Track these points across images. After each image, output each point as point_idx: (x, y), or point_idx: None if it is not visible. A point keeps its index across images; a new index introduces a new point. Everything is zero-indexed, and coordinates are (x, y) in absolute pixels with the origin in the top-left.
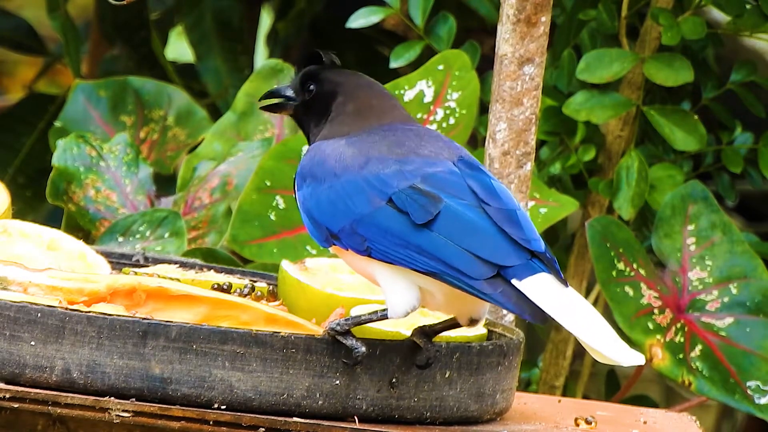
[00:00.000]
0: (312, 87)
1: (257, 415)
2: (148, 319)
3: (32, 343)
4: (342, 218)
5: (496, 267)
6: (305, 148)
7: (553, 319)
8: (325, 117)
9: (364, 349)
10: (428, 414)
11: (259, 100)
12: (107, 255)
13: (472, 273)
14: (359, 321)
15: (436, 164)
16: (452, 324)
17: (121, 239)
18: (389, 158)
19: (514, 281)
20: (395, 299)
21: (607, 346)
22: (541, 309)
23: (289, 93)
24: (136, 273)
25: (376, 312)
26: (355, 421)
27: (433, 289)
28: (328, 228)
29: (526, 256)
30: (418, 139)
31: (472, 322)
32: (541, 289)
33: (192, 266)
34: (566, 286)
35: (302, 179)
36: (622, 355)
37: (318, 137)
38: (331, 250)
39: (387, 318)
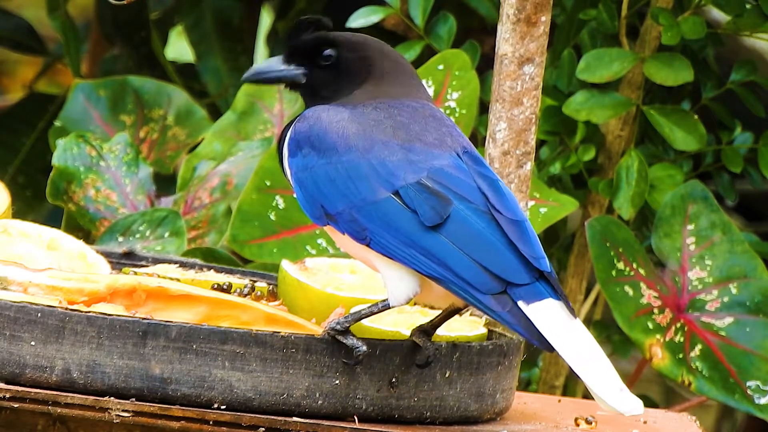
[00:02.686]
0: (329, 53)
1: (257, 415)
2: (148, 319)
3: (32, 343)
4: (341, 200)
5: (505, 283)
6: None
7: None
8: (358, 79)
9: (365, 347)
10: (428, 414)
11: (243, 80)
12: (107, 255)
13: (480, 286)
14: (359, 316)
15: (442, 156)
16: (450, 312)
17: (121, 239)
18: (394, 143)
19: (520, 303)
20: (395, 286)
21: (611, 395)
22: (547, 339)
23: (282, 67)
24: (136, 273)
25: (376, 304)
26: (354, 421)
27: (432, 283)
28: (323, 206)
29: (534, 276)
30: (423, 122)
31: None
32: (549, 318)
33: (192, 266)
34: (574, 316)
35: (297, 146)
36: (624, 404)
37: (350, 98)
38: (326, 229)
39: (389, 307)
